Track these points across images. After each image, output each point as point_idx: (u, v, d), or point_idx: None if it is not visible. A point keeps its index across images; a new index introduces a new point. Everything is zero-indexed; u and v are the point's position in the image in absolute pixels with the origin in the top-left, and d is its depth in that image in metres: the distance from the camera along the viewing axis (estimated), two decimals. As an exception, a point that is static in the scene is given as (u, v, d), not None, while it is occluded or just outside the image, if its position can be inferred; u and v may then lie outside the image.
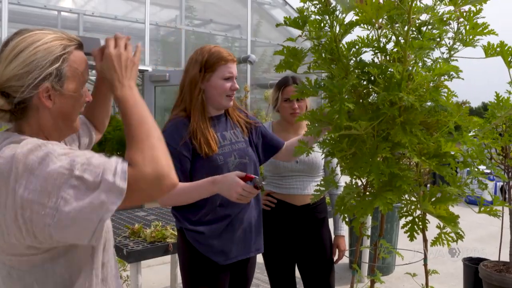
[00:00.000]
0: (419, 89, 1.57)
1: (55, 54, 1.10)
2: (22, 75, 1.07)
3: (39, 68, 1.08)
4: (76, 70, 1.16)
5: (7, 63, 1.08)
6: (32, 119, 1.13)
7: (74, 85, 1.16)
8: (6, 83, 1.07)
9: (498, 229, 3.69)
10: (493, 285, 2.63)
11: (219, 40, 8.72)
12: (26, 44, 1.09)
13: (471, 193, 1.66)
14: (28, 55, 1.08)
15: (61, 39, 1.13)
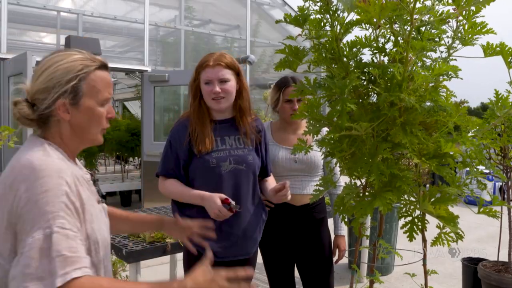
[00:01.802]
0: (419, 90, 1.57)
1: (72, 73, 1.23)
2: (44, 89, 1.22)
3: (57, 85, 1.21)
4: (94, 88, 1.27)
5: (36, 78, 1.24)
6: (54, 128, 1.26)
7: (91, 102, 1.26)
8: (34, 95, 1.23)
9: (497, 229, 3.70)
10: (492, 285, 2.63)
11: (218, 41, 8.72)
12: (52, 62, 1.24)
13: (471, 193, 1.66)
14: (49, 72, 1.22)
15: (83, 59, 1.26)
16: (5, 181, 1.15)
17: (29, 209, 1.07)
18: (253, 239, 2.15)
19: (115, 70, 8.40)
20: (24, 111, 1.22)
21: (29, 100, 1.24)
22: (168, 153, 2.11)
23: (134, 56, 8.05)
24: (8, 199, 1.11)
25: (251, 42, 8.71)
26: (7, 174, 1.16)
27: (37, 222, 1.06)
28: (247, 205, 2.10)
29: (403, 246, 2.34)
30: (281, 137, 2.60)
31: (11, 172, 1.15)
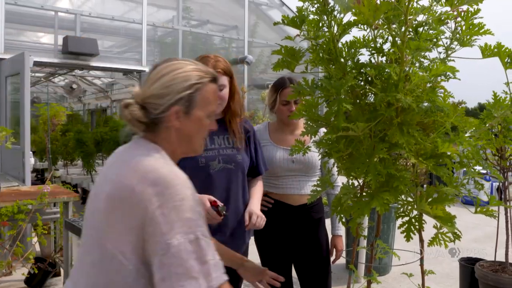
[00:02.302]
0: (416, 90, 1.57)
1: (190, 82, 1.28)
2: (160, 95, 1.25)
3: (174, 92, 1.26)
4: (206, 100, 1.32)
5: (151, 83, 1.28)
6: (162, 134, 1.29)
7: (201, 113, 1.31)
8: (147, 99, 1.26)
9: (494, 229, 3.70)
10: (489, 285, 2.64)
11: (216, 41, 8.73)
12: (169, 70, 1.28)
13: (468, 194, 1.67)
14: (168, 79, 1.26)
15: (199, 70, 1.31)
16: (125, 182, 1.17)
17: (165, 213, 1.11)
18: (242, 239, 2.14)
19: (112, 70, 8.40)
20: (136, 113, 1.25)
21: (139, 103, 1.27)
22: None
23: (132, 57, 8.05)
24: (132, 202, 1.14)
25: (249, 43, 8.71)
26: (125, 175, 1.19)
27: (178, 227, 1.10)
28: (236, 204, 2.10)
29: (401, 246, 2.34)
30: (278, 137, 2.60)
31: (132, 174, 1.17)
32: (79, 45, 6.50)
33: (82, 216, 3.76)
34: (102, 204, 1.21)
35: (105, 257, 1.17)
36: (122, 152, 1.31)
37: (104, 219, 1.19)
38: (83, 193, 9.32)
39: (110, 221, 1.17)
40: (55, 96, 17.57)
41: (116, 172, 1.23)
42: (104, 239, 1.18)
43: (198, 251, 1.11)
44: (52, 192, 4.23)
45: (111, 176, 1.24)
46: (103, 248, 1.18)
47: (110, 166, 1.30)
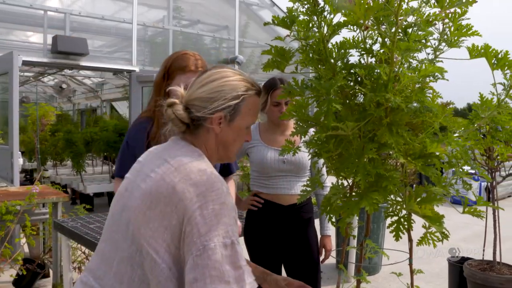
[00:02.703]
0: (405, 90, 1.58)
1: (238, 92, 1.32)
2: (207, 99, 1.29)
3: (222, 99, 1.29)
4: (249, 111, 1.36)
5: (199, 86, 1.31)
6: (201, 137, 1.33)
7: (242, 123, 1.35)
8: (192, 101, 1.30)
9: (482, 228, 3.74)
10: (477, 283, 2.66)
11: (206, 41, 8.71)
12: (219, 76, 1.32)
13: (456, 193, 1.68)
14: (217, 85, 1.30)
15: (246, 81, 1.35)
16: (166, 180, 1.19)
17: (205, 215, 1.13)
18: None
19: (102, 70, 8.35)
20: (180, 113, 1.29)
21: (184, 104, 1.30)
22: (125, 154, 2.06)
23: (122, 56, 8.01)
24: (172, 200, 1.15)
25: (240, 43, 8.71)
26: (166, 173, 1.20)
27: (216, 230, 1.13)
28: None
29: (391, 246, 2.36)
30: (269, 138, 2.60)
31: (174, 173, 1.19)
32: (68, 45, 6.45)
33: (71, 217, 3.74)
34: (137, 201, 1.22)
35: (139, 254, 1.19)
36: (160, 150, 1.33)
37: (140, 216, 1.19)
38: (72, 194, 9.27)
39: (146, 218, 1.18)
40: (44, 96, 17.43)
41: (155, 170, 1.24)
42: (138, 236, 1.19)
43: (233, 255, 1.14)
44: (41, 193, 4.20)
45: (148, 173, 1.25)
46: (137, 244, 1.19)
47: (146, 163, 1.31)
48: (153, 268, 1.17)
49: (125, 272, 1.21)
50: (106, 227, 1.33)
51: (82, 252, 4.27)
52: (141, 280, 1.19)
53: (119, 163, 2.08)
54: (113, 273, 1.23)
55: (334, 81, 1.51)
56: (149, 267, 1.18)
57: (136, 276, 1.20)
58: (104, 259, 1.28)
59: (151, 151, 1.37)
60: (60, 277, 4.06)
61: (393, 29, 1.52)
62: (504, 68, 1.59)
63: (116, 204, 1.32)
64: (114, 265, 1.24)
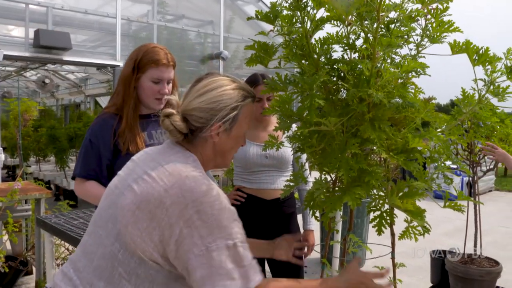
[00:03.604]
0: (387, 86, 1.60)
1: (236, 101, 1.32)
2: (205, 109, 1.28)
3: (221, 110, 1.29)
4: (245, 119, 1.37)
5: (197, 96, 1.30)
6: (198, 147, 1.33)
7: (239, 131, 1.36)
8: (191, 112, 1.29)
9: (464, 223, 3.80)
10: (458, 276, 2.71)
11: (191, 36, 8.66)
12: (216, 85, 1.31)
13: (437, 188, 1.70)
14: (215, 95, 1.30)
15: (242, 89, 1.36)
16: (159, 183, 1.20)
17: (204, 219, 1.15)
18: None
19: (86, 65, 8.26)
20: (179, 124, 1.28)
21: (181, 114, 1.30)
22: (88, 152, 1.97)
23: (106, 51, 7.92)
24: (164, 203, 1.17)
25: (225, 38, 8.67)
26: (160, 177, 1.21)
27: (217, 233, 1.16)
28: None
29: (375, 240, 2.39)
30: (251, 134, 2.61)
31: (168, 177, 1.20)
32: (51, 39, 6.36)
33: (54, 213, 3.71)
34: (127, 200, 1.22)
35: (122, 252, 1.21)
36: (155, 153, 1.33)
37: (129, 215, 1.20)
38: (56, 190, 9.17)
39: (135, 218, 1.19)
40: (27, 91, 17.18)
41: (149, 172, 1.24)
42: (124, 234, 1.20)
43: (236, 256, 1.17)
44: (23, 189, 4.15)
45: (141, 175, 1.25)
46: (121, 243, 1.21)
47: (140, 163, 1.31)
48: (141, 264, 1.19)
49: (105, 268, 1.22)
50: (92, 221, 1.34)
51: (66, 248, 4.24)
52: (121, 277, 1.21)
53: (82, 163, 1.98)
54: (93, 267, 1.24)
55: (317, 76, 1.51)
56: (136, 264, 1.19)
57: (116, 273, 1.21)
58: (85, 253, 1.29)
59: (146, 152, 1.37)
60: (43, 274, 4.03)
61: (375, 25, 1.53)
62: (485, 64, 1.61)
63: (104, 200, 1.32)
64: (95, 260, 1.25)
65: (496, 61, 1.60)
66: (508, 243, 6.51)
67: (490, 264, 2.91)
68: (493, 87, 1.63)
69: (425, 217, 1.61)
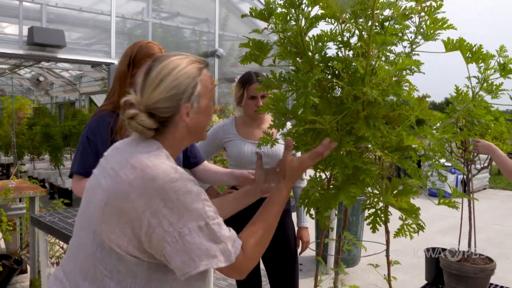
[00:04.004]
0: (382, 84, 1.60)
1: (194, 77, 1.29)
2: (169, 97, 1.25)
3: (181, 92, 1.26)
4: (207, 87, 1.34)
5: (154, 88, 1.25)
6: (169, 134, 1.30)
7: (206, 101, 1.34)
8: (154, 105, 1.25)
9: (458, 220, 3.81)
10: (453, 273, 2.71)
11: (186, 34, 8.64)
12: (169, 70, 1.27)
13: (432, 186, 1.70)
14: (171, 80, 1.26)
15: (193, 62, 1.32)
16: (122, 177, 1.18)
17: (171, 206, 1.14)
18: None
19: (80, 62, 8.22)
20: (146, 123, 1.24)
21: (145, 110, 1.25)
22: (86, 150, 1.97)
23: (100, 49, 7.88)
24: (129, 197, 1.15)
25: (220, 36, 8.66)
26: (124, 171, 1.19)
27: (187, 217, 1.15)
28: None
29: (370, 238, 2.40)
30: (246, 132, 2.60)
31: (131, 170, 1.18)
32: (45, 36, 6.32)
33: (49, 212, 3.69)
34: (97, 197, 1.22)
35: (100, 251, 1.21)
36: (122, 146, 1.31)
37: (100, 212, 1.20)
38: (50, 188, 9.14)
39: (106, 215, 1.19)
40: (21, 89, 17.10)
41: (114, 167, 1.23)
42: (99, 232, 1.20)
43: (211, 234, 1.17)
44: (18, 187, 4.13)
45: (108, 171, 1.24)
46: (99, 241, 1.21)
47: (109, 159, 1.30)
48: (121, 260, 1.19)
49: (88, 269, 1.23)
50: (76, 222, 1.34)
51: (60, 247, 4.22)
52: (103, 275, 1.21)
53: (79, 160, 1.98)
54: (78, 269, 1.25)
55: (312, 74, 1.51)
56: (115, 260, 1.19)
57: (98, 272, 1.21)
58: (72, 255, 1.30)
59: (116, 146, 1.35)
60: (38, 273, 4.01)
61: (370, 23, 1.53)
62: (478, 61, 1.62)
63: (83, 200, 1.32)
64: (79, 261, 1.25)
65: (489, 58, 1.60)
66: (502, 241, 6.54)
67: (484, 262, 2.92)
68: (487, 85, 1.63)
69: (419, 215, 1.61)
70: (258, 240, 1.31)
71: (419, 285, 3.32)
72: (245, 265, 1.25)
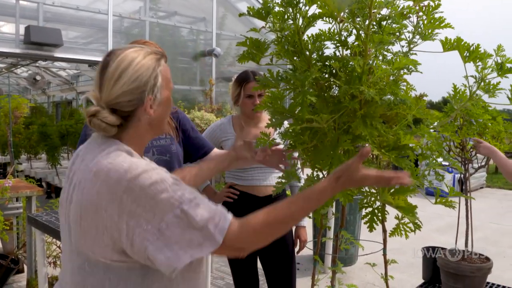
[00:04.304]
0: (379, 83, 1.60)
1: (154, 68, 1.25)
2: (131, 90, 1.20)
3: (143, 83, 1.22)
4: (166, 78, 1.30)
5: (114, 82, 1.20)
6: (132, 128, 1.25)
7: (167, 92, 1.30)
8: (115, 100, 1.19)
9: (455, 219, 3.81)
10: (450, 272, 2.71)
11: (184, 33, 8.62)
12: (127, 63, 1.21)
13: (429, 185, 1.71)
14: (132, 73, 1.21)
15: (150, 53, 1.27)
16: (89, 187, 1.14)
17: (142, 204, 1.09)
18: None
19: (77, 61, 8.19)
20: (109, 119, 1.19)
21: (105, 106, 1.20)
22: None
23: (97, 48, 7.87)
24: (100, 205, 1.11)
25: (217, 35, 8.65)
26: (89, 181, 1.14)
27: (161, 210, 1.10)
28: None
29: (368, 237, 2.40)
30: (243, 131, 2.60)
31: (95, 179, 1.13)
32: (42, 35, 6.30)
33: (46, 211, 3.68)
34: (72, 212, 1.18)
35: (88, 264, 1.17)
36: (83, 153, 1.26)
37: (77, 228, 1.17)
38: (47, 187, 9.12)
39: (83, 229, 1.15)
40: (17, 88, 17.04)
41: (80, 178, 1.19)
42: (81, 248, 1.17)
43: (190, 220, 1.11)
44: (14, 187, 4.12)
45: (76, 182, 1.20)
46: (83, 255, 1.18)
47: (73, 170, 1.25)
48: (109, 270, 1.16)
49: (78, 282, 1.20)
50: (61, 235, 1.30)
51: (58, 246, 4.21)
52: (93, 286, 1.18)
53: None
54: (71, 283, 1.22)
55: (309, 73, 1.51)
56: (103, 271, 1.16)
57: (89, 284, 1.18)
58: (64, 269, 1.28)
59: (78, 154, 1.29)
60: (34, 272, 4.00)
61: (367, 22, 1.53)
62: (476, 60, 1.62)
63: (61, 217, 1.28)
64: (69, 275, 1.23)
65: (486, 57, 1.60)
66: (498, 240, 6.56)
67: (481, 261, 2.92)
68: (484, 84, 1.63)
69: (416, 213, 1.61)
70: (265, 224, 1.20)
71: (416, 284, 3.32)
72: (238, 245, 1.17)
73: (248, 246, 1.20)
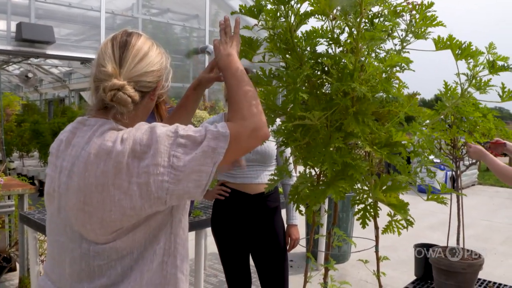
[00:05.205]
0: (371, 80, 1.60)
1: (167, 59, 1.30)
2: (151, 72, 1.22)
3: (163, 68, 1.26)
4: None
5: (139, 60, 1.20)
6: (132, 111, 1.20)
7: (167, 82, 1.32)
8: (138, 78, 1.19)
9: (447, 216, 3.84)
10: (441, 269, 2.73)
11: (176, 30, 8.60)
12: (148, 46, 1.24)
13: (421, 182, 1.71)
14: (154, 56, 1.24)
15: (158, 45, 1.30)
16: (89, 169, 1.13)
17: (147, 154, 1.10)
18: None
19: (69, 59, 8.14)
20: (133, 94, 1.17)
21: (127, 83, 1.17)
22: None
23: (90, 45, 7.83)
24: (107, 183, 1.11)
25: (210, 32, 8.63)
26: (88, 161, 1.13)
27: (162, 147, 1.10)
28: None
29: (360, 234, 2.41)
30: None
31: (95, 160, 1.12)
32: (34, 32, 6.26)
33: (38, 209, 3.67)
34: (72, 200, 1.15)
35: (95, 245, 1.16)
36: (69, 138, 1.23)
37: (80, 214, 1.14)
38: (40, 185, 9.06)
39: (88, 214, 1.13)
40: (9, 85, 16.94)
41: (72, 163, 1.17)
42: (86, 233, 1.16)
43: (192, 140, 1.13)
44: (6, 185, 4.10)
45: (71, 168, 1.17)
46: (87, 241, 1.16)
47: (62, 155, 1.22)
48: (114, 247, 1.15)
49: (80, 270, 1.17)
50: (49, 230, 1.27)
51: (50, 244, 4.19)
52: (101, 268, 1.16)
53: None
54: (67, 274, 1.20)
55: (301, 70, 1.51)
56: (112, 250, 1.15)
57: (96, 268, 1.16)
58: (55, 263, 1.24)
59: (62, 140, 1.26)
60: (27, 271, 3.98)
61: (358, 19, 1.53)
62: (468, 58, 1.63)
63: (50, 206, 1.25)
64: (67, 267, 1.20)
65: (478, 55, 1.61)
66: (489, 236, 6.61)
67: (473, 257, 2.94)
68: (475, 81, 1.64)
69: (408, 210, 1.62)
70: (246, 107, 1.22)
71: (408, 280, 3.34)
72: (248, 124, 1.18)
73: (255, 125, 1.20)
